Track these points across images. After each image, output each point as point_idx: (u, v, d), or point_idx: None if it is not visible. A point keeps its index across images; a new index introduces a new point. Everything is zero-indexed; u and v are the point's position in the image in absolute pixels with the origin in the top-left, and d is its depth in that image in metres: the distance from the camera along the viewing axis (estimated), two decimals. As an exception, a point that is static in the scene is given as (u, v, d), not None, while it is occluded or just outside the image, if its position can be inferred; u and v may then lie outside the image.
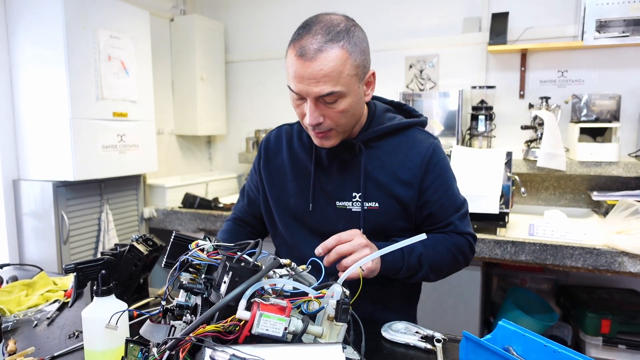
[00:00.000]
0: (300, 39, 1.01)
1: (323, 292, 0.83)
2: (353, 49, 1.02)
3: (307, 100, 1.03)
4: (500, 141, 2.79)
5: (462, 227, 1.19)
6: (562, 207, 2.71)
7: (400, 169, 1.15)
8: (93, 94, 2.20)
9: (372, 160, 1.17)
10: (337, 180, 1.18)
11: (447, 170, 1.19)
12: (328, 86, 1.00)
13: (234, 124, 3.54)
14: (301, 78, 1.01)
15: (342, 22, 1.03)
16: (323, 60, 0.98)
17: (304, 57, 0.99)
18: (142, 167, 2.53)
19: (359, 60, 1.04)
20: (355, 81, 1.04)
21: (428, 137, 1.20)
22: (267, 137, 1.34)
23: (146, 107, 2.53)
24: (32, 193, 2.25)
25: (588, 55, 2.59)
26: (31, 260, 2.30)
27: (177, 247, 0.89)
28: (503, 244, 2.00)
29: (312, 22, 1.03)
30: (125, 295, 1.24)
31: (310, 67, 0.99)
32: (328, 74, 0.99)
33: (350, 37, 1.02)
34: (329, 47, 0.99)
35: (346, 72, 1.01)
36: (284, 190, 1.25)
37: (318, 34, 0.99)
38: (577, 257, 1.90)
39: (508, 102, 2.79)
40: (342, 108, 1.04)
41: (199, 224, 2.67)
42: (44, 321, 1.17)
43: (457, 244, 1.18)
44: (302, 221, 1.23)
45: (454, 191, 1.19)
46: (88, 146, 2.19)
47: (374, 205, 1.16)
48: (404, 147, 1.17)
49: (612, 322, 2.18)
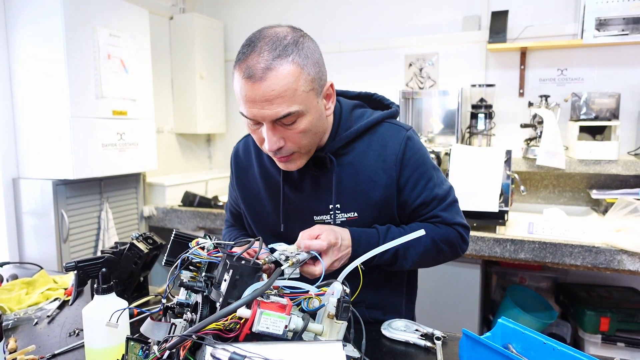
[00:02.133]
0: (246, 59, 0.92)
1: (323, 289, 0.83)
2: (305, 61, 0.93)
3: (263, 125, 0.95)
4: (500, 139, 2.79)
5: (450, 218, 1.13)
6: (561, 206, 2.71)
7: (375, 172, 1.09)
8: (92, 92, 2.20)
9: (345, 168, 1.10)
10: (311, 195, 1.12)
11: (424, 162, 1.12)
12: (283, 107, 0.91)
13: (234, 122, 3.54)
14: (253, 102, 0.92)
15: (288, 34, 0.94)
16: (273, 80, 0.90)
17: (252, 79, 0.90)
18: (141, 165, 2.53)
19: (313, 73, 0.95)
20: (313, 96, 0.96)
21: (399, 131, 1.11)
22: (235, 151, 1.27)
23: (146, 105, 2.52)
24: (31, 191, 2.25)
25: (587, 53, 2.59)
26: (31, 258, 2.30)
27: (178, 246, 0.89)
28: (502, 242, 2.01)
29: (256, 38, 0.94)
30: (125, 294, 1.24)
31: (260, 88, 0.90)
32: (281, 93, 0.90)
33: (300, 49, 0.93)
34: (278, 63, 0.90)
35: (301, 88, 0.92)
36: (260, 208, 1.20)
37: (264, 51, 0.91)
38: (576, 255, 1.90)
39: (507, 101, 2.79)
40: (303, 128, 0.96)
41: (198, 222, 2.67)
42: (44, 319, 1.17)
43: (444, 235, 1.12)
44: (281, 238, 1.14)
45: (434, 182, 1.12)
46: (88, 144, 2.19)
47: (353, 215, 1.10)
48: (376, 146, 1.10)
49: (611, 320, 2.18)
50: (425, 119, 2.86)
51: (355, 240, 1.03)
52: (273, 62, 0.90)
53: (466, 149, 2.27)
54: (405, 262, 1.09)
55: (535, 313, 2.39)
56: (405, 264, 1.10)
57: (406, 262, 1.09)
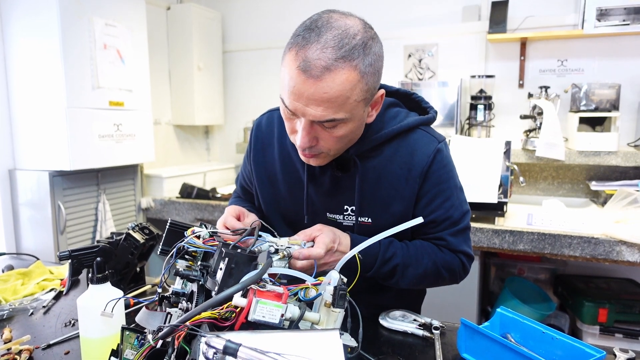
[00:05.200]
0: (306, 47, 0.83)
1: (320, 279, 0.82)
2: (367, 69, 0.85)
3: (300, 118, 0.90)
4: (499, 131, 2.78)
5: (456, 245, 1.06)
6: (560, 197, 2.70)
7: (398, 180, 1.03)
8: (89, 83, 2.18)
9: (368, 172, 1.04)
10: (329, 191, 1.07)
11: (448, 179, 1.05)
12: (330, 112, 0.85)
13: (232, 114, 3.52)
14: (299, 96, 0.85)
15: (359, 32, 0.85)
16: (330, 82, 0.82)
17: (308, 74, 0.82)
18: (138, 156, 2.52)
19: (371, 83, 0.88)
20: (362, 106, 0.89)
21: (430, 142, 1.04)
22: (257, 123, 1.20)
23: (143, 96, 2.50)
24: (28, 183, 2.24)
25: (588, 44, 2.57)
26: (28, 250, 2.29)
27: (173, 235, 0.88)
28: (501, 233, 2.00)
29: (323, 25, 0.84)
30: (121, 284, 1.24)
31: (313, 87, 0.82)
32: (332, 98, 0.83)
33: (367, 54, 0.84)
34: (340, 66, 0.82)
35: (354, 97, 0.85)
36: (274, 191, 1.15)
37: (329, 47, 0.82)
38: (575, 246, 1.90)
39: (507, 92, 2.77)
40: (341, 134, 0.91)
41: (196, 214, 2.66)
42: (39, 310, 1.17)
43: (447, 261, 1.07)
44: (293, 226, 1.14)
45: (452, 202, 1.05)
46: (84, 135, 2.18)
47: (367, 220, 1.06)
48: (404, 153, 1.03)
49: (609, 311, 2.18)
50: (425, 111, 2.84)
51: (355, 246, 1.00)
52: (335, 63, 0.82)
53: (465, 140, 2.26)
54: (402, 281, 1.05)
55: (534, 304, 2.39)
56: (401, 282, 1.05)
57: (403, 280, 1.05)
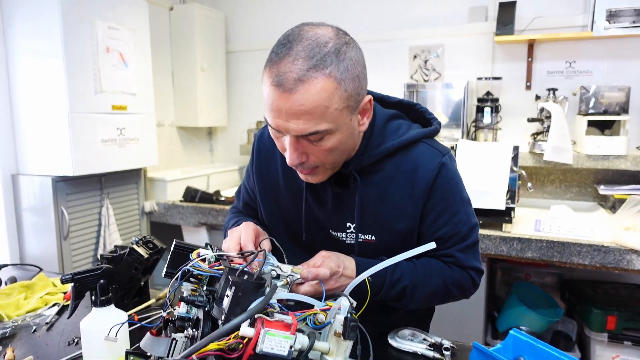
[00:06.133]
0: (278, 63, 0.82)
1: (329, 304, 0.80)
2: (343, 75, 0.83)
3: (286, 135, 0.87)
4: (506, 133, 2.75)
5: (465, 261, 1.03)
6: (568, 201, 2.67)
7: (401, 197, 1.00)
8: (91, 87, 2.16)
9: (369, 189, 1.01)
10: (331, 208, 1.05)
11: (454, 193, 1.02)
12: (311, 124, 0.83)
13: (235, 115, 3.50)
14: (278, 112, 0.83)
15: (330, 40, 0.83)
16: (304, 93, 0.80)
17: (282, 88, 0.81)
18: (142, 160, 2.50)
19: (351, 89, 0.85)
20: (346, 114, 0.87)
21: (434, 156, 1.00)
22: (260, 135, 1.16)
23: (146, 99, 2.48)
24: (31, 188, 2.22)
25: (597, 45, 2.53)
26: (31, 256, 2.28)
27: (178, 257, 0.85)
28: (509, 240, 1.97)
29: (294, 38, 0.84)
30: (125, 299, 1.22)
31: (288, 100, 0.81)
32: (310, 110, 0.81)
33: (341, 60, 0.83)
34: (312, 75, 0.80)
35: (334, 106, 0.83)
36: (277, 206, 1.12)
37: (299, 58, 0.81)
38: (584, 254, 1.87)
39: (514, 94, 2.73)
40: (330, 146, 0.88)
41: (200, 219, 2.64)
42: (43, 326, 1.15)
43: (456, 278, 1.04)
44: (297, 242, 1.12)
45: (460, 217, 1.02)
46: (87, 140, 2.16)
47: (370, 238, 1.03)
48: (406, 168, 0.99)
49: (618, 319, 2.16)
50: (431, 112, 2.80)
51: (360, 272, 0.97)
52: (307, 74, 0.80)
53: (472, 144, 2.22)
54: (412, 302, 1.02)
55: (541, 310, 2.36)
56: (410, 304, 1.03)
57: (412, 301, 1.02)
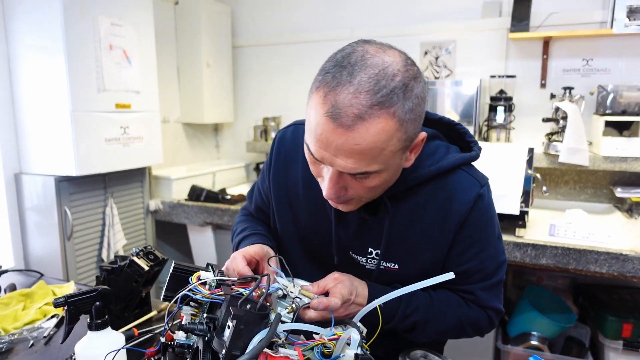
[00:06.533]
0: (336, 90, 0.71)
1: (338, 333, 0.75)
2: (407, 116, 0.73)
3: (327, 166, 0.79)
4: (520, 133, 2.67)
5: (486, 300, 0.97)
6: (582, 202, 2.60)
7: (432, 227, 0.92)
8: (94, 85, 2.11)
9: (399, 216, 0.93)
10: (355, 231, 0.97)
11: (487, 228, 0.94)
12: (361, 165, 0.75)
13: (242, 112, 3.44)
14: (327, 145, 0.74)
15: (399, 72, 0.73)
16: (363, 133, 0.71)
17: (337, 122, 0.71)
18: (146, 159, 2.46)
19: (411, 131, 0.76)
20: (399, 155, 0.78)
21: (472, 186, 0.92)
22: (281, 136, 1.08)
23: (150, 97, 2.43)
24: (34, 187, 2.19)
25: (615, 42, 2.44)
26: (35, 256, 2.26)
27: (177, 280, 0.81)
28: (523, 246, 1.91)
29: (357, 63, 0.72)
30: (126, 312, 1.18)
31: (343, 137, 0.71)
32: (366, 150, 0.72)
33: (407, 98, 0.72)
34: (376, 114, 0.70)
35: (390, 148, 0.74)
36: (294, 218, 1.05)
37: (363, 90, 0.70)
38: (602, 262, 1.80)
39: (528, 92, 2.65)
40: (374, 185, 0.80)
41: (205, 218, 2.60)
42: (40, 340, 1.11)
43: (472, 318, 0.97)
44: (313, 257, 1.06)
45: (489, 253, 0.95)
46: (90, 140, 2.11)
47: (393, 266, 0.96)
48: (441, 197, 0.91)
49: (634, 327, 2.09)
50: (441, 111, 2.73)
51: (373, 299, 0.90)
52: (369, 111, 0.70)
53: (485, 146, 2.15)
54: (422, 336, 0.96)
55: (553, 315, 2.30)
56: (420, 337, 0.96)
57: (423, 336, 0.96)
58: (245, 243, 1.02)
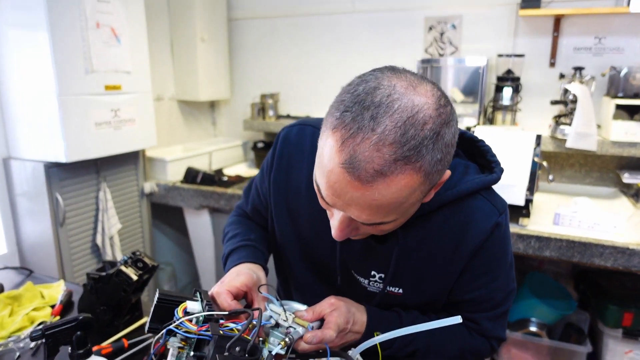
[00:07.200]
0: (356, 137, 0.61)
1: (333, 370, 0.70)
2: (434, 168, 0.64)
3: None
4: (526, 115, 2.57)
5: (490, 330, 0.92)
6: (587, 186, 2.54)
7: (444, 255, 0.86)
8: (81, 67, 2.01)
9: (408, 239, 0.86)
10: (358, 251, 0.91)
11: (500, 257, 0.88)
12: (377, 217, 0.67)
13: (239, 88, 3.33)
14: (340, 194, 0.66)
15: (430, 119, 0.62)
16: (383, 190, 0.62)
17: (355, 176, 0.62)
18: (139, 142, 2.37)
19: (436, 179, 0.68)
20: (419, 201, 0.71)
21: (490, 214, 0.84)
22: (285, 135, 0.98)
23: (142, 77, 2.32)
24: (23, 173, 2.12)
25: (629, 20, 2.31)
26: (28, 242, 2.21)
27: (162, 310, 0.75)
28: (526, 238, 1.86)
29: (382, 104, 0.61)
30: (115, 321, 1.14)
31: (360, 191, 0.63)
32: (383, 205, 0.65)
33: (436, 149, 0.63)
34: (399, 170, 0.61)
35: (411, 200, 0.67)
36: (295, 227, 0.98)
37: (387, 143, 0.60)
38: (607, 255, 1.76)
39: (536, 71, 2.54)
40: (388, 229, 0.74)
41: (202, 201, 2.55)
42: (27, 351, 1.07)
43: (475, 347, 0.93)
44: (314, 270, 1.00)
45: (499, 282, 0.89)
46: (79, 125, 2.03)
47: (397, 291, 0.90)
48: (455, 224, 0.84)
49: (635, 315, 2.07)
50: (444, 88, 2.63)
51: (371, 328, 0.86)
52: (393, 167, 0.61)
53: (491, 132, 2.07)
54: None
55: (553, 302, 2.28)
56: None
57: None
58: (233, 257, 0.97)
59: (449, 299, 0.92)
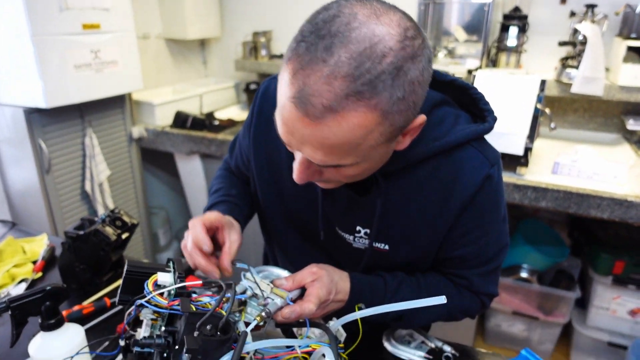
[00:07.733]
0: (306, 68, 0.56)
1: (313, 345, 0.67)
2: (394, 107, 0.58)
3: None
4: (532, 56, 2.44)
5: (480, 286, 0.89)
6: (590, 132, 2.46)
7: (432, 209, 0.81)
8: (55, 4, 1.85)
9: (394, 192, 0.81)
10: (343, 206, 0.87)
11: (492, 211, 0.83)
12: (332, 158, 0.63)
13: (230, 25, 3.14)
14: (292, 131, 0.62)
15: (390, 51, 0.56)
16: (333, 127, 0.57)
17: (303, 111, 0.57)
18: (124, 85, 2.26)
19: (400, 122, 0.61)
20: (383, 146, 0.65)
21: (482, 165, 0.78)
22: (264, 89, 0.93)
23: (122, 14, 2.16)
24: (3, 119, 2.03)
25: (652, -50, 2.12)
26: (16, 190, 2.17)
27: (132, 282, 0.71)
28: (523, 188, 1.82)
29: (337, 33, 0.56)
30: (96, 279, 1.11)
31: (309, 128, 0.59)
32: (336, 145, 0.60)
33: (397, 86, 0.57)
34: (350, 107, 0.56)
35: (369, 143, 0.61)
36: (276, 185, 0.94)
37: (339, 76, 0.55)
38: (604, 207, 1.72)
39: (545, 8, 2.37)
40: (352, 174, 0.69)
41: (192, 147, 2.48)
42: (7, 311, 1.05)
43: (465, 305, 0.90)
44: (298, 230, 0.97)
45: (489, 239, 0.85)
46: (58, 67, 1.91)
47: (383, 247, 0.86)
48: (445, 176, 0.79)
49: (626, 264, 2.08)
50: (447, 27, 2.48)
51: (355, 296, 0.82)
52: (343, 102, 0.55)
53: (493, 76, 1.96)
54: (409, 325, 0.91)
55: (546, 249, 2.29)
56: (408, 326, 0.92)
57: (410, 324, 0.91)
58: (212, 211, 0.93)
59: (438, 255, 0.89)
